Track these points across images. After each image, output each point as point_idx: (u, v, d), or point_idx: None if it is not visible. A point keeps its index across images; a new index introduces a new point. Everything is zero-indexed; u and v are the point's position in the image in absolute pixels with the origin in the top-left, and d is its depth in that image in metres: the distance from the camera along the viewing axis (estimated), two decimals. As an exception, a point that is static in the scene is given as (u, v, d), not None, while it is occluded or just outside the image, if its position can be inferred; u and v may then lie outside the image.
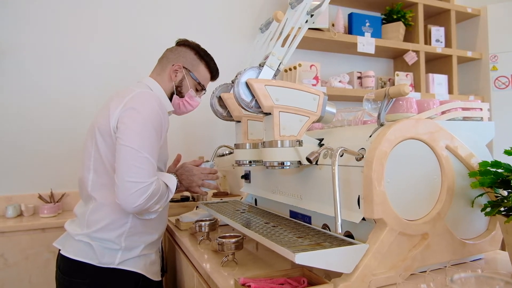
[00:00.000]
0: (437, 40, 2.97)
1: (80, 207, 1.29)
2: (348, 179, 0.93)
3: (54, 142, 2.14)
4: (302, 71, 2.41)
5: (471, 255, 1.00)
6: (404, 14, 2.81)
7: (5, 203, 2.00)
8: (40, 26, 2.13)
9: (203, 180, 1.38)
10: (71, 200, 2.12)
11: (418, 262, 0.90)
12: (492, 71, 3.01)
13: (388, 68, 3.14)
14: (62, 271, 1.23)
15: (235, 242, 1.09)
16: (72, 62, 2.19)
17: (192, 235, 1.48)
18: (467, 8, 3.04)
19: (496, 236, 1.02)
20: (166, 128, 1.27)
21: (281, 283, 0.85)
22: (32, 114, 2.11)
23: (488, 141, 1.06)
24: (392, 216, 0.86)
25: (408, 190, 0.90)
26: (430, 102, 1.01)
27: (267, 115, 1.02)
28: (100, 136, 1.21)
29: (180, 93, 1.40)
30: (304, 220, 1.17)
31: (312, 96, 1.02)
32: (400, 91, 0.89)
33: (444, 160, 0.94)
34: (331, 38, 2.51)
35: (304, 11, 1.09)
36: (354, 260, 0.83)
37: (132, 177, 1.09)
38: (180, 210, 1.90)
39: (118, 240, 1.21)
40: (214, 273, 1.03)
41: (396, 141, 0.88)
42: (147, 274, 1.27)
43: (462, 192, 0.97)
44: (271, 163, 1.01)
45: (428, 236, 0.91)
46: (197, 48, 1.43)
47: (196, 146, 2.42)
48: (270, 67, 1.03)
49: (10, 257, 1.78)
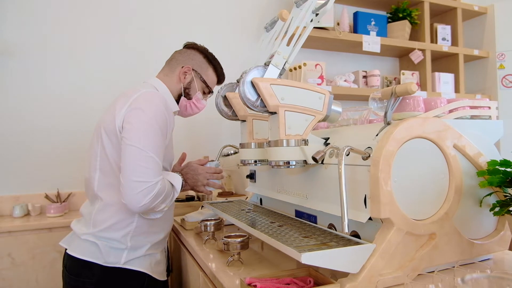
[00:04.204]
0: (443, 39, 2.94)
1: (86, 207, 1.29)
2: (354, 178, 0.93)
3: (61, 142, 2.15)
4: (307, 71, 2.40)
5: (479, 255, 0.98)
6: (410, 12, 2.79)
7: (12, 203, 2.02)
8: (46, 26, 2.14)
9: (208, 179, 1.38)
10: (77, 200, 2.14)
11: (426, 263, 0.89)
12: (499, 70, 2.98)
13: (393, 67, 3.12)
14: (69, 271, 1.24)
15: (241, 242, 1.08)
16: (78, 63, 2.20)
17: (198, 235, 1.48)
18: (473, 6, 3.01)
19: (505, 236, 1.01)
20: (172, 127, 1.27)
21: (287, 283, 0.84)
22: (38, 114, 2.12)
23: (496, 140, 1.04)
24: (399, 216, 0.85)
25: (416, 190, 0.89)
26: (437, 101, 1.00)
27: (272, 114, 1.02)
28: (106, 136, 1.21)
29: (188, 95, 1.40)
30: (310, 219, 1.16)
31: (318, 95, 1.01)
32: (407, 89, 0.89)
33: (452, 159, 0.93)
34: (336, 37, 2.50)
35: (310, 10, 1.08)
36: (361, 260, 0.82)
37: (138, 176, 1.09)
38: (185, 209, 1.90)
39: (124, 240, 1.21)
40: (220, 272, 1.03)
41: (403, 140, 0.87)
42: (152, 274, 1.27)
43: (470, 191, 0.96)
44: (277, 162, 1.00)
45: (435, 236, 0.90)
46: (206, 52, 1.44)
47: (201, 146, 2.42)
48: (276, 66, 1.02)
49: (17, 256, 1.80)
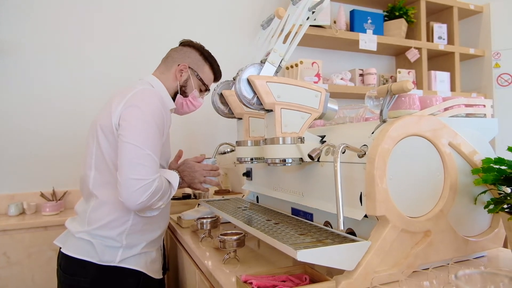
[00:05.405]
0: (439, 37, 2.95)
1: (81, 205, 1.29)
2: (350, 176, 0.93)
3: (56, 140, 2.14)
4: (304, 69, 2.40)
5: (473, 252, 0.99)
6: (406, 11, 2.80)
7: (8, 201, 2.01)
8: (41, 25, 2.13)
9: (205, 176, 1.38)
10: (73, 198, 2.13)
11: (421, 260, 0.89)
12: (494, 69, 2.99)
13: (390, 65, 3.13)
14: (63, 269, 1.23)
15: (237, 240, 1.09)
16: (74, 61, 2.19)
17: (194, 233, 1.48)
18: (469, 5, 3.02)
19: (499, 233, 1.02)
20: (168, 125, 1.27)
21: (283, 280, 0.85)
22: (34, 112, 2.11)
23: (491, 138, 1.05)
24: (395, 213, 0.85)
25: (411, 187, 0.90)
26: (433, 99, 1.01)
27: (268, 112, 1.02)
28: (102, 133, 1.20)
29: (184, 93, 1.40)
30: (306, 217, 1.17)
31: (314, 93, 1.01)
32: (403, 87, 0.89)
33: (447, 157, 0.93)
34: (333, 35, 2.50)
35: (306, 7, 1.08)
36: (356, 257, 0.83)
37: (134, 174, 1.09)
38: (181, 207, 1.90)
39: (119, 238, 1.20)
40: (216, 270, 1.03)
41: (399, 138, 0.88)
42: (148, 272, 1.26)
43: (465, 189, 0.96)
44: (273, 160, 1.00)
45: (430, 233, 0.91)
46: (202, 49, 1.43)
47: (197, 144, 2.42)
48: (272, 64, 1.02)
49: (13, 255, 1.79)
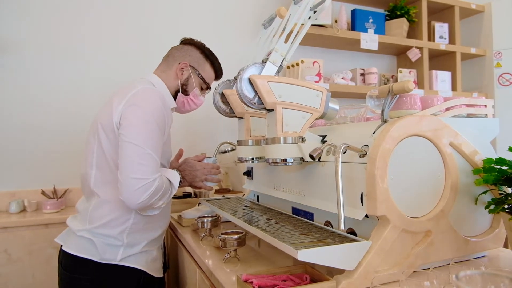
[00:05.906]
0: (440, 37, 2.95)
1: (82, 203, 1.29)
2: (351, 176, 0.93)
3: (57, 138, 2.14)
4: (305, 68, 2.40)
5: (474, 252, 0.99)
6: (407, 10, 2.80)
7: (9, 199, 2.02)
8: (42, 22, 2.13)
9: (206, 175, 1.38)
10: (74, 196, 2.13)
11: (421, 260, 0.89)
12: (496, 68, 2.99)
13: (391, 65, 3.12)
14: (64, 267, 1.23)
15: (237, 239, 1.09)
16: (75, 59, 2.19)
17: (195, 232, 1.48)
18: (471, 4, 3.01)
19: (500, 233, 1.02)
20: (169, 124, 1.27)
21: (284, 280, 0.85)
22: (35, 111, 2.11)
23: (492, 138, 1.05)
24: (395, 213, 0.85)
25: (412, 187, 0.90)
26: (434, 99, 1.01)
27: (269, 111, 1.02)
28: (103, 132, 1.21)
29: (185, 91, 1.40)
30: (306, 217, 1.17)
31: (315, 92, 1.01)
32: (404, 88, 0.89)
33: (448, 157, 0.93)
34: (334, 35, 2.49)
35: (307, 7, 1.08)
36: (357, 257, 0.83)
37: (135, 173, 1.09)
38: (182, 206, 1.90)
39: (120, 236, 1.21)
40: (217, 269, 1.04)
41: (400, 138, 0.88)
42: (148, 271, 1.27)
43: (465, 189, 0.96)
44: (274, 159, 1.00)
45: (431, 234, 0.91)
46: (203, 47, 1.43)
47: (198, 143, 2.42)
48: (273, 63, 1.02)
49: (14, 252, 1.79)
